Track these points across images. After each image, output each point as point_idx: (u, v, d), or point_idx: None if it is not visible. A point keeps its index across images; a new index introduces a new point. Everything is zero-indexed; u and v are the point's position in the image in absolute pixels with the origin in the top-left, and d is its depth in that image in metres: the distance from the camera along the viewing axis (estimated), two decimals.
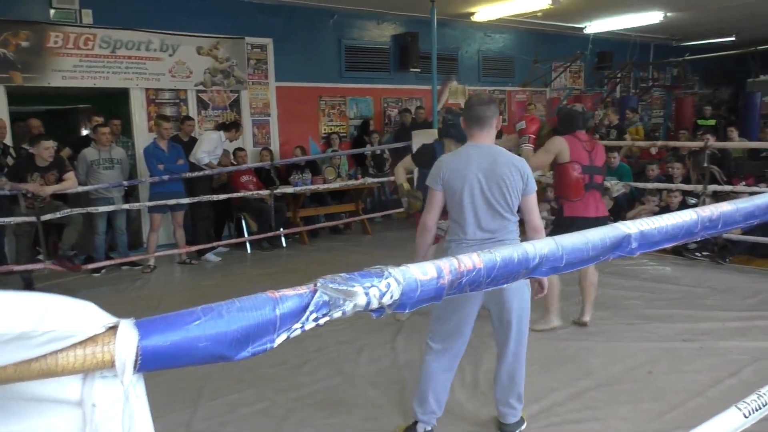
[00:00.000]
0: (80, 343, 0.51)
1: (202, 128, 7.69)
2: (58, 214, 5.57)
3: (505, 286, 2.51)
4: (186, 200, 6.42)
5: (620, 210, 7.13)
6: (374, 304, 0.67)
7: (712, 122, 11.25)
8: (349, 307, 0.64)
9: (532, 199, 2.70)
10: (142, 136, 7.43)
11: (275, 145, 8.52)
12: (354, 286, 0.65)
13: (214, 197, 6.64)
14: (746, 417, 1.33)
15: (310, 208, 7.98)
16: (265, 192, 7.07)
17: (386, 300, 0.68)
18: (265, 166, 7.59)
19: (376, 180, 8.38)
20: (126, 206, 6.36)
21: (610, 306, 4.62)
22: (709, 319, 4.30)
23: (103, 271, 6.33)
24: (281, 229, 7.29)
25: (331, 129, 9.06)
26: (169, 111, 7.61)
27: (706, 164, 5.94)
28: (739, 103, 12.90)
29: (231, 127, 7.13)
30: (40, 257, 5.85)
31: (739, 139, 9.34)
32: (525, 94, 11.31)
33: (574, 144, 3.98)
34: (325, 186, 7.70)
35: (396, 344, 4.07)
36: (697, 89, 13.80)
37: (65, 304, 0.52)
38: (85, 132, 8.82)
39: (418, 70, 9.44)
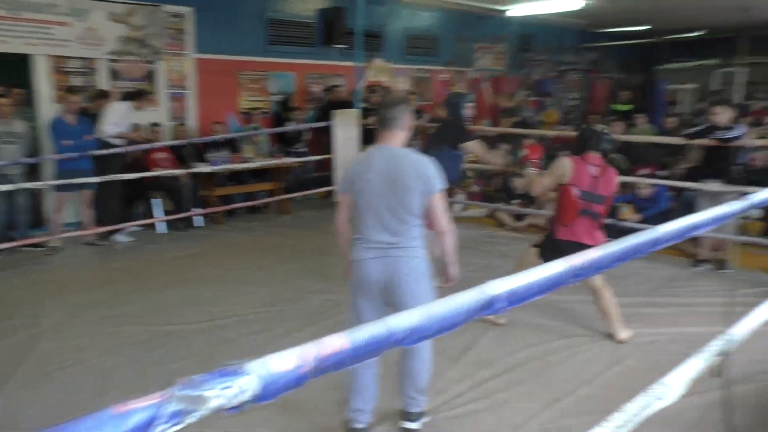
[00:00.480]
0: None
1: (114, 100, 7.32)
2: None
3: (403, 290, 2.56)
4: (95, 179, 6.12)
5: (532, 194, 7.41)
6: (230, 404, 0.68)
7: (627, 107, 11.77)
8: (203, 411, 0.65)
9: (435, 200, 2.68)
10: (47, 107, 6.99)
11: (193, 120, 8.24)
12: (208, 391, 0.65)
13: (126, 176, 6.36)
14: None
15: (228, 186, 7.80)
16: (180, 171, 6.85)
17: (243, 398, 0.68)
18: (181, 144, 7.31)
19: (296, 159, 8.29)
20: (28, 185, 5.99)
21: None
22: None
23: (1, 252, 5.97)
24: (196, 209, 7.10)
25: (251, 104, 8.84)
26: (77, 81, 7.19)
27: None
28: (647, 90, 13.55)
29: (136, 96, 6.82)
30: None
31: (645, 126, 9.85)
32: (448, 74, 11.42)
33: (580, 166, 3.74)
34: (244, 165, 7.54)
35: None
36: (613, 74, 14.36)
37: None
38: None
39: (344, 46, 9.33)
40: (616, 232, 6.25)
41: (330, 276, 5.27)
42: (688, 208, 5.84)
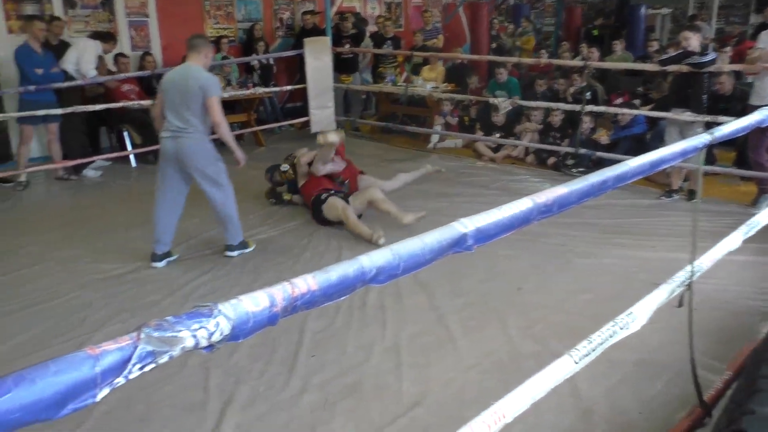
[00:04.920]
0: None
1: (70, 29, 6.99)
2: None
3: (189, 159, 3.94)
4: (59, 111, 5.92)
5: (511, 124, 7.40)
6: (203, 344, 0.69)
7: (602, 31, 11.62)
8: (176, 351, 0.66)
9: (210, 102, 3.88)
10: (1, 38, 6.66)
11: (156, 50, 7.94)
12: (180, 332, 0.67)
13: (91, 107, 6.17)
14: (576, 363, 1.51)
15: None
16: (147, 102, 6.65)
17: (216, 338, 0.70)
18: (146, 75, 7.08)
19: (267, 90, 8.10)
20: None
21: None
22: (578, 237, 4.64)
23: None
24: None
25: (218, 32, 8.53)
26: (30, 10, 6.82)
27: (585, 83, 6.21)
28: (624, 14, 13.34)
29: (108, 38, 6.58)
30: None
31: (623, 52, 9.74)
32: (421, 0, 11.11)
33: None
34: None
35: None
36: None
37: None
38: None
39: None
40: (587, 159, 6.37)
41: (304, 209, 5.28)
42: (661, 137, 5.91)
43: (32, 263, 4.18)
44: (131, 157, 6.89)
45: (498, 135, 7.27)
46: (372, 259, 0.87)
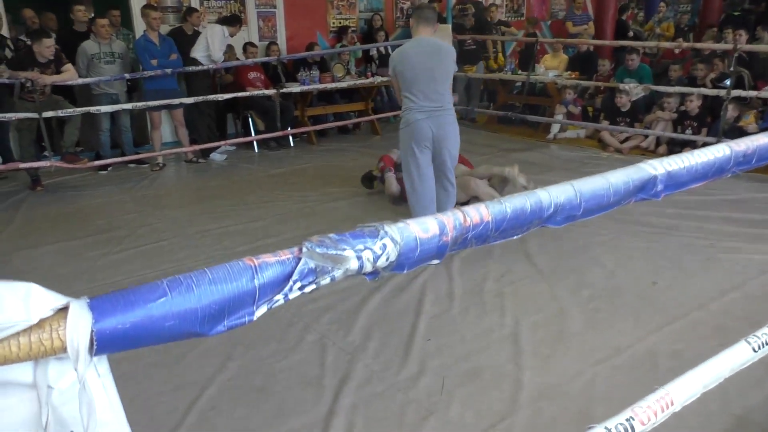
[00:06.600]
0: (24, 330, 0.45)
1: (204, 20, 7.35)
2: (60, 113, 5.47)
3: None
4: (187, 99, 6.23)
5: (637, 113, 6.91)
6: (368, 268, 0.60)
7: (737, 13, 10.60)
8: (338, 273, 0.57)
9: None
10: (143, 28, 7.10)
11: (282, 40, 8.17)
12: (344, 250, 0.58)
13: (220, 97, 6.44)
14: (755, 351, 1.29)
15: (319, 107, 7.77)
16: (271, 91, 6.86)
17: (381, 263, 0.60)
18: (271, 62, 7.30)
19: (386, 78, 8.10)
20: (128, 106, 6.16)
21: (618, 214, 4.54)
22: (718, 231, 4.23)
23: (109, 168, 6.29)
24: (288, 129, 7.15)
25: (340, 22, 8.65)
26: (170, 1, 7.24)
27: (732, 68, 5.64)
28: None
29: (234, 21, 6.81)
30: (46, 153, 5.81)
31: None
32: None
33: None
34: (334, 84, 7.45)
35: None
36: None
37: (2, 291, 0.45)
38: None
39: None
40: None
41: None
42: None
43: (164, 238, 4.40)
44: (254, 142, 7.13)
45: (622, 123, 6.81)
46: (551, 195, 0.75)
